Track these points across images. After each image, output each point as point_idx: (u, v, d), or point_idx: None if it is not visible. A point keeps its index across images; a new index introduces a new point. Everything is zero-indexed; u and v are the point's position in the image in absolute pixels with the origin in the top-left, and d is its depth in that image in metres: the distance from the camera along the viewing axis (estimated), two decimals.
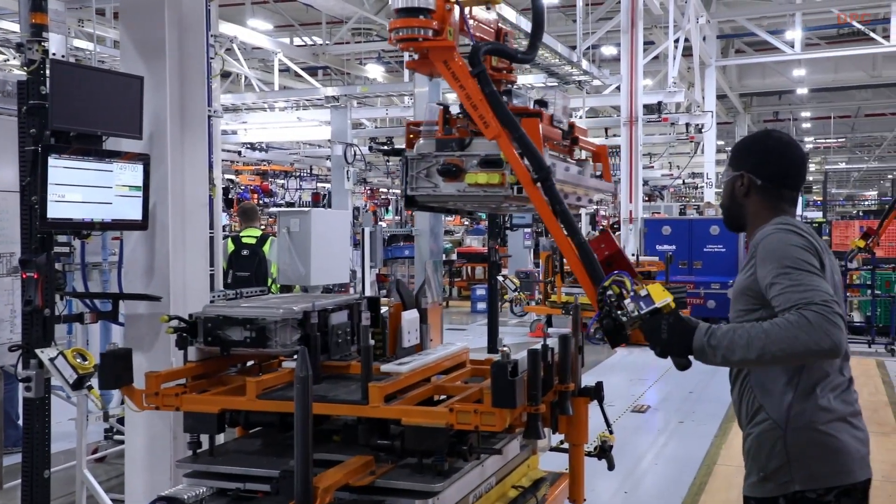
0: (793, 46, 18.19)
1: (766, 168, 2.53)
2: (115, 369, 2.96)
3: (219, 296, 4.83)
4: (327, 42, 18.99)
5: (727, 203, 2.64)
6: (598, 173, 3.48)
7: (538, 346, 2.88)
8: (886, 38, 17.37)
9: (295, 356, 3.27)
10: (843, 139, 33.55)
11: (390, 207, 25.60)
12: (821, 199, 34.99)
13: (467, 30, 2.99)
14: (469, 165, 2.89)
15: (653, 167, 22.53)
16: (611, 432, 3.31)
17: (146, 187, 3.89)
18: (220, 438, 3.90)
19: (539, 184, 2.76)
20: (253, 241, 7.18)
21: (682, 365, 2.33)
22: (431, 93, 9.10)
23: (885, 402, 8.01)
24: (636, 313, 2.34)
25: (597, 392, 3.23)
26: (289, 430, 3.17)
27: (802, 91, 24.93)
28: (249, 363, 3.57)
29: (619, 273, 2.46)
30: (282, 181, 23.79)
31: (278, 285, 6.30)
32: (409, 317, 3.29)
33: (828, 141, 33.15)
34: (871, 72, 22.16)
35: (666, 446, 6.35)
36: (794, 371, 2.38)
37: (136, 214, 3.88)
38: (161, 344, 3.97)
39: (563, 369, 3.09)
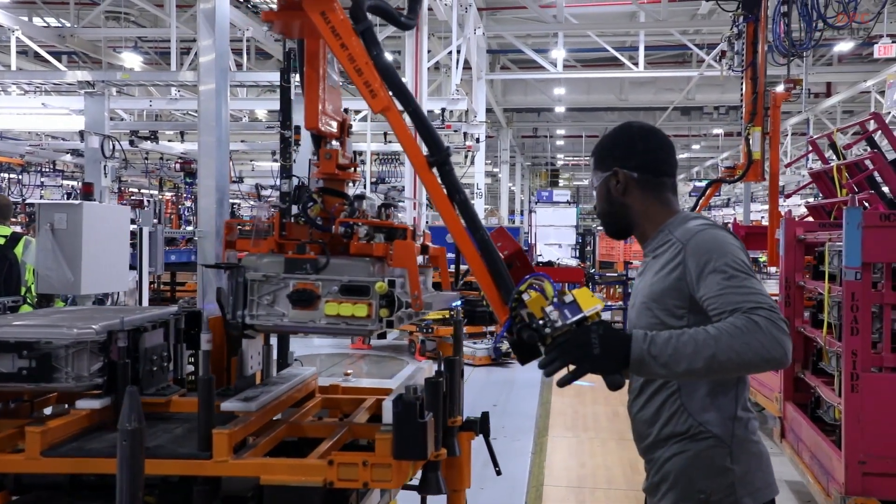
0: (555, 66, 19.00)
1: (639, 158, 2.23)
2: None
3: None
4: (76, 25, 16.93)
5: (606, 208, 2.29)
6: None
7: (434, 377, 2.32)
8: (635, 64, 18.66)
9: (96, 392, 2.46)
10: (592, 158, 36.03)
11: (146, 210, 23.43)
12: None
13: None
14: (327, 292, 2.29)
15: None
16: (498, 472, 2.82)
17: None
18: None
19: (435, 168, 2.28)
20: (1, 241, 5.87)
21: (617, 384, 1.89)
22: (220, 91, 6.99)
23: None
24: (559, 323, 1.88)
25: (483, 425, 2.74)
26: (80, 490, 2.36)
27: (560, 110, 26.39)
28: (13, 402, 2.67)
29: (536, 276, 2.00)
30: (15, 176, 20.89)
31: (34, 295, 5.13)
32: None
33: (577, 159, 35.46)
34: (619, 95, 23.91)
35: (486, 467, 5.93)
36: (733, 380, 2.12)
37: None
38: None
39: (451, 401, 2.55)
